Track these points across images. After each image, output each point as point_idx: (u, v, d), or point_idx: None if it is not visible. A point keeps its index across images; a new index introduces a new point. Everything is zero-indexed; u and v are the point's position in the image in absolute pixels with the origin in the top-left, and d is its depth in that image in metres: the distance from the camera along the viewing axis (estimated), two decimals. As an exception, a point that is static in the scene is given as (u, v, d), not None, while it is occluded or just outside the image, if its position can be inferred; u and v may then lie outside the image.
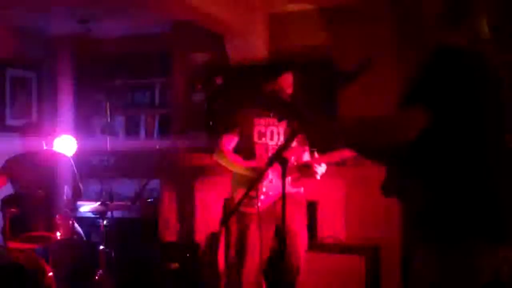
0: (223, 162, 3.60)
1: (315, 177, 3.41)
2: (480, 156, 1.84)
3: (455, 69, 1.79)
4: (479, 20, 1.95)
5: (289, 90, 3.43)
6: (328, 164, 3.45)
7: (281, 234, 2.61)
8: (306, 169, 3.43)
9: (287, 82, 3.43)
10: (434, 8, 1.97)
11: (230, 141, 3.58)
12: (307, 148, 3.53)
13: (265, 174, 3.31)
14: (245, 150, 3.57)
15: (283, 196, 2.53)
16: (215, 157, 3.62)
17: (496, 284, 1.84)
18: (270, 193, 3.39)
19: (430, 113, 1.77)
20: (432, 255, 1.86)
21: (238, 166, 3.52)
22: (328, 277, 4.08)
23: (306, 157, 3.53)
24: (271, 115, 3.47)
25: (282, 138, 3.53)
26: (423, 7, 2.00)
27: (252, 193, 3.26)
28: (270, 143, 3.53)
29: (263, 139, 3.53)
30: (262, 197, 3.35)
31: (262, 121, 3.54)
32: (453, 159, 1.84)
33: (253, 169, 3.42)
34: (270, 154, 3.48)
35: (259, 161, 3.47)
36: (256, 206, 3.24)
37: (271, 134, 3.54)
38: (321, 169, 3.41)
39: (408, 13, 2.09)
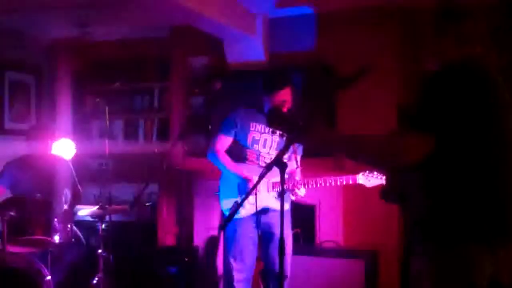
0: (215, 163, 3.61)
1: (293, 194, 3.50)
2: (479, 161, 1.85)
3: (457, 91, 1.80)
4: (476, 22, 1.97)
5: (288, 104, 3.45)
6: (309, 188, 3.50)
7: (281, 240, 2.62)
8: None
9: (286, 96, 3.44)
10: (432, 10, 1.99)
11: (225, 142, 3.59)
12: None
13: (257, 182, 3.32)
14: (237, 153, 3.58)
15: (282, 198, 2.53)
16: (209, 156, 3.64)
17: (495, 286, 1.84)
18: (255, 204, 3.38)
19: (434, 139, 1.79)
20: (432, 259, 1.86)
21: (229, 170, 3.52)
22: (327, 282, 4.08)
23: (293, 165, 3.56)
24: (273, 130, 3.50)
25: (274, 147, 3.54)
26: (421, 10, 2.02)
27: (239, 199, 3.33)
28: (262, 150, 3.54)
29: (255, 146, 3.54)
30: (247, 206, 3.38)
31: (258, 127, 3.55)
32: (453, 164, 1.84)
33: (243, 178, 3.45)
34: (261, 162, 3.50)
35: (251, 167, 3.48)
36: (241, 212, 3.37)
37: (264, 142, 3.55)
38: (300, 192, 3.47)
39: (407, 17, 2.11)
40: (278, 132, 3.49)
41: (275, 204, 3.48)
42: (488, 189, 1.84)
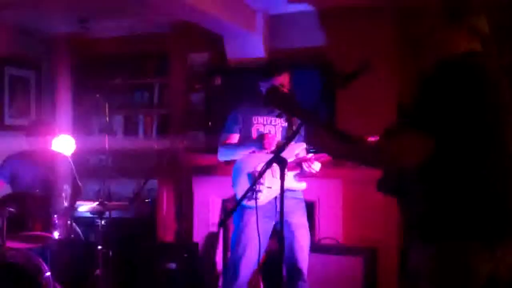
0: (227, 156, 3.57)
1: (311, 172, 3.43)
2: (479, 158, 1.85)
3: (457, 90, 1.79)
4: (478, 19, 1.96)
5: (285, 90, 3.44)
6: (323, 164, 3.46)
7: (279, 234, 2.61)
8: (303, 165, 3.44)
9: (284, 82, 3.44)
10: (433, 6, 1.98)
11: (231, 140, 3.57)
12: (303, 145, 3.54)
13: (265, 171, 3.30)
14: None
15: (281, 196, 2.53)
16: (219, 156, 3.60)
17: (493, 284, 1.84)
18: (272, 187, 3.39)
19: (433, 140, 1.78)
20: (431, 255, 1.86)
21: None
22: (326, 278, 4.08)
23: (302, 153, 3.54)
24: (272, 111, 3.48)
25: (279, 137, 3.54)
26: (424, 5, 2.00)
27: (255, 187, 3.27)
28: None
29: None
30: (263, 191, 3.36)
31: (261, 119, 3.55)
32: (452, 161, 1.84)
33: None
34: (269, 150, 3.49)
35: (260, 155, 3.45)
36: (257, 200, 3.25)
37: (269, 133, 3.55)
38: (315, 167, 3.41)
39: (408, 13, 2.09)
40: (281, 115, 3.46)
41: (294, 184, 3.46)
42: (486, 187, 1.84)
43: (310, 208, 4.56)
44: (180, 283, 4.47)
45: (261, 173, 2.66)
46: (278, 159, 2.56)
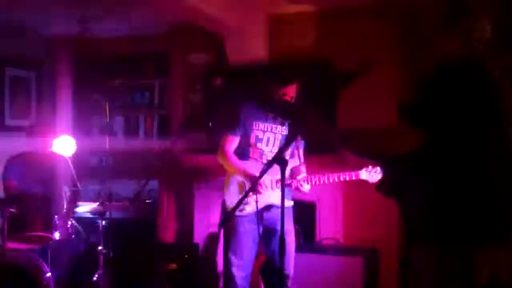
0: (224, 165, 3.59)
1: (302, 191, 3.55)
2: (480, 160, 1.85)
3: (457, 90, 1.80)
4: (480, 21, 1.96)
5: (294, 97, 3.44)
6: (313, 186, 3.55)
7: (281, 237, 2.62)
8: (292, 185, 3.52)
9: (293, 91, 3.44)
10: (434, 8, 1.98)
11: (233, 142, 3.56)
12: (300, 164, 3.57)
13: (259, 184, 3.33)
14: (240, 150, 3.56)
15: (282, 197, 2.54)
16: (219, 158, 3.61)
17: (494, 285, 1.84)
18: (259, 201, 3.40)
19: (427, 134, 1.82)
20: (431, 256, 1.86)
21: (237, 172, 3.51)
22: (326, 279, 4.09)
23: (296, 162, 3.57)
24: (275, 118, 3.49)
25: (277, 146, 3.53)
26: (424, 7, 2.01)
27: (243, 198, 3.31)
28: (265, 149, 3.53)
29: (259, 144, 3.53)
30: (251, 203, 3.38)
31: (261, 125, 3.53)
32: (453, 162, 1.84)
33: (251, 178, 3.42)
34: (264, 159, 3.50)
35: (254, 164, 3.48)
36: (243, 210, 3.39)
37: (267, 140, 3.54)
38: (304, 189, 3.51)
39: (409, 14, 2.10)
40: (284, 124, 3.48)
41: (279, 201, 3.46)
42: (487, 188, 1.84)
43: (310, 208, 4.57)
44: (181, 283, 4.47)
45: (261, 174, 2.66)
46: (279, 159, 2.57)
